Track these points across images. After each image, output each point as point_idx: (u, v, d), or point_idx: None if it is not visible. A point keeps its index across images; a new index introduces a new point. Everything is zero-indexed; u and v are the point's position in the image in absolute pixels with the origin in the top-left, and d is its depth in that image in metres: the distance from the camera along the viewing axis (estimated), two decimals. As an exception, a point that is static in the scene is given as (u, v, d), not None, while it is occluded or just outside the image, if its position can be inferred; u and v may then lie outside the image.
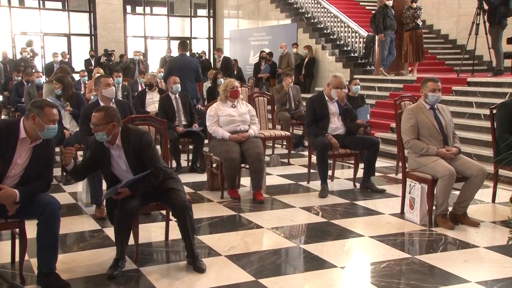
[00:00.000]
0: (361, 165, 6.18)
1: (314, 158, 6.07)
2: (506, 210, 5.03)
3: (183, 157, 7.33)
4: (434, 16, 13.76)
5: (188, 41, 13.31)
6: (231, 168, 5.51)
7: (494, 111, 5.33)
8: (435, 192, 4.71)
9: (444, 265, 3.80)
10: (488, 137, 6.64)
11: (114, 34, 16.98)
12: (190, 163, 7.12)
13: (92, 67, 12.47)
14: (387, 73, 10.66)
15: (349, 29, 12.24)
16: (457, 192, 4.80)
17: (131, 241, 3.79)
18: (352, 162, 6.38)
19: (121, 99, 5.45)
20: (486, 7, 9.15)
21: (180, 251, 4.05)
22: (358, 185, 6.12)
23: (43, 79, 9.64)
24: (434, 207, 4.74)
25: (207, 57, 15.81)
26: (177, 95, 7.11)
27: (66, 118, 6.36)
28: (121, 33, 17.20)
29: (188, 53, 9.47)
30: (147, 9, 18.24)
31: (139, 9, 18.07)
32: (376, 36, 10.93)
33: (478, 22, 9.16)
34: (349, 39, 12.32)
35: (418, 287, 3.45)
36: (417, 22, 10.51)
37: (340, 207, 5.37)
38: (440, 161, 4.69)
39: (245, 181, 6.09)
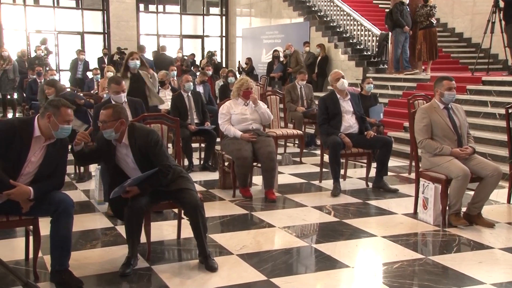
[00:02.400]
0: (374, 165, 6.14)
1: (326, 157, 6.04)
2: (521, 211, 4.97)
3: (195, 155, 7.34)
4: (449, 14, 13.63)
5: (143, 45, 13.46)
6: (242, 166, 5.50)
7: (510, 111, 5.26)
8: (448, 192, 4.67)
9: (458, 266, 3.76)
10: (503, 137, 6.56)
11: (127, 32, 17.05)
12: (202, 162, 7.13)
13: (105, 65, 12.55)
14: (410, 71, 10.56)
15: (362, 28, 12.17)
16: (471, 193, 4.75)
17: (143, 239, 3.80)
18: (365, 161, 6.34)
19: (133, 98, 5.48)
20: (502, 4, 9.04)
21: (192, 250, 4.05)
22: (370, 184, 6.09)
23: (56, 76, 9.72)
24: (447, 207, 4.69)
25: (217, 57, 15.80)
26: (189, 93, 7.12)
27: None
28: (134, 31, 17.26)
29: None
30: (160, 7, 18.27)
31: (152, 7, 18.11)
32: (390, 33, 10.85)
33: (493, 20, 9.06)
34: (362, 38, 12.25)
35: (431, 288, 3.42)
36: (431, 20, 10.41)
37: (353, 206, 5.34)
38: (454, 161, 4.64)
39: (257, 179, 6.08)
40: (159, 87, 8.49)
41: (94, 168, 5.96)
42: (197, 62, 15.67)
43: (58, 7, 16.80)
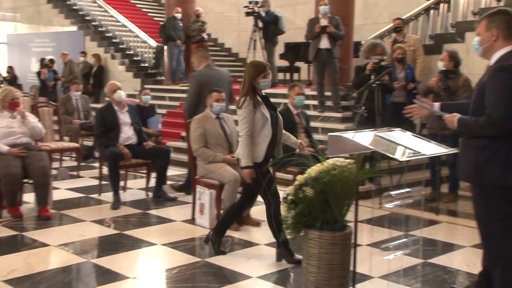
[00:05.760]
0: (154, 174, 6.25)
1: (105, 170, 5.95)
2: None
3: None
4: (219, 30, 14.56)
5: None
6: (11, 184, 5.08)
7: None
8: (222, 197, 5.02)
9: (231, 264, 4.08)
10: (268, 143, 7.28)
11: None
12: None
13: None
14: (184, 83, 10.93)
15: (139, 39, 12.25)
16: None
17: None
18: (145, 171, 6.41)
19: None
20: (260, 25, 10.08)
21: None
22: (151, 194, 6.17)
23: None
24: (222, 211, 5.04)
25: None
26: None
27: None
28: None
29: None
30: None
31: None
32: (165, 46, 11.15)
33: (255, 38, 10.05)
34: (138, 49, 12.33)
35: None
36: (203, 35, 11.02)
37: (133, 217, 5.36)
38: (226, 167, 5.01)
39: (29, 197, 5.67)
40: None
41: None
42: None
43: None
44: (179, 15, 10.74)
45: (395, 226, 4.94)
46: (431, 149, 3.05)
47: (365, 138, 3.01)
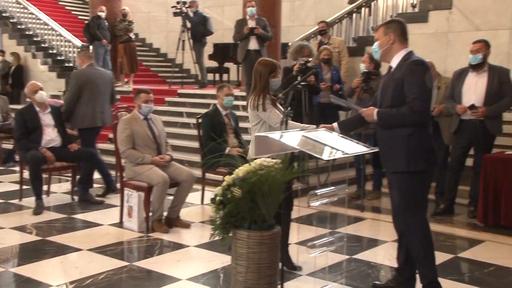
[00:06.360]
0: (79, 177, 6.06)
1: (27, 173, 5.70)
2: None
3: None
4: (146, 30, 14.31)
5: None
6: None
7: (200, 120, 5.88)
8: (151, 199, 4.95)
9: (160, 267, 4.03)
10: (197, 144, 7.25)
11: None
12: None
13: None
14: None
15: (62, 38, 11.80)
16: (171, 198, 5.13)
17: None
18: (70, 174, 6.20)
19: None
20: (189, 25, 10.03)
21: None
22: (76, 198, 5.98)
23: None
24: (150, 214, 4.97)
25: None
26: None
27: None
28: None
29: None
30: None
31: None
32: (91, 46, 10.82)
33: (183, 39, 9.98)
34: (62, 48, 11.88)
35: (136, 292, 3.59)
36: (130, 35, 10.79)
37: (58, 222, 5.17)
38: (155, 169, 4.95)
39: None
40: None
41: None
42: None
43: None
44: (103, 14, 10.44)
45: (322, 224, 5.08)
46: (354, 148, 3.16)
47: (292, 138, 3.07)
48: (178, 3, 10.09)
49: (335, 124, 3.50)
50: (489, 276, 3.98)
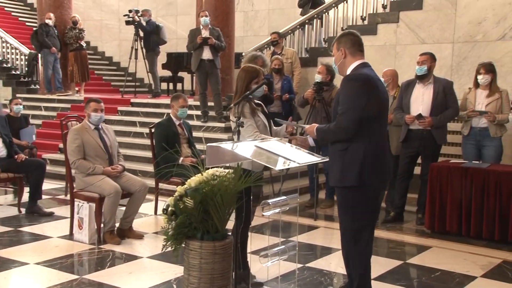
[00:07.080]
0: (27, 189, 5.89)
1: (-31, 186, 5.50)
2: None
3: None
4: (98, 38, 14.09)
5: None
6: None
7: (153, 130, 5.82)
8: (103, 210, 4.85)
9: (111, 279, 3.96)
10: (150, 154, 7.18)
11: None
12: None
13: None
14: (61, 93, 10.42)
15: (8, 45, 11.46)
16: (123, 208, 5.05)
17: None
18: (17, 186, 6.01)
19: None
20: (141, 34, 9.94)
21: None
22: (24, 210, 5.80)
23: None
24: (102, 225, 4.87)
25: None
26: None
27: None
28: None
29: None
30: None
31: None
32: (39, 54, 10.55)
33: (136, 48, 9.89)
34: (8, 56, 11.53)
35: (86, 306, 3.51)
36: (81, 43, 10.60)
37: (3, 236, 5.00)
38: (106, 179, 4.87)
39: None
40: None
41: None
42: None
43: None
44: (50, 22, 10.19)
45: (275, 233, 5.11)
46: (305, 158, 3.21)
47: (244, 148, 3.09)
48: (130, 11, 9.99)
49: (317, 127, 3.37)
50: (436, 281, 4.11)
